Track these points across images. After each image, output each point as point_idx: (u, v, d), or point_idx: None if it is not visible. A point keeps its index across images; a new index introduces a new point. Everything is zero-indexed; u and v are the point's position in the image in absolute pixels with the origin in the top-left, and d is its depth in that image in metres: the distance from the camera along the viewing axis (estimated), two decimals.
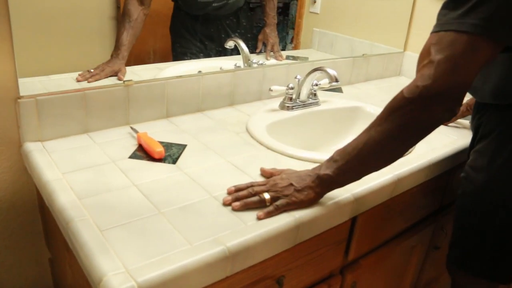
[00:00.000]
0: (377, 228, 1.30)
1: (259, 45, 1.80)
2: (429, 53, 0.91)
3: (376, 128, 0.95)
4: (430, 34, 0.95)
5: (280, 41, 1.87)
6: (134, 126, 1.33)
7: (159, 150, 1.17)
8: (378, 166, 1.01)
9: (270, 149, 1.29)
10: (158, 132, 1.32)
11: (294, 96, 1.59)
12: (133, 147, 1.23)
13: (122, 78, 1.35)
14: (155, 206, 0.97)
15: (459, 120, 1.62)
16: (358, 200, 1.11)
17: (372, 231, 1.28)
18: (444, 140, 1.48)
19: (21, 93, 1.15)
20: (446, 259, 1.35)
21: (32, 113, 1.17)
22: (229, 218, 0.95)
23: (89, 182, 1.04)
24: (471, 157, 1.27)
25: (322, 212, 1.02)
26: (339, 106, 1.69)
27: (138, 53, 1.46)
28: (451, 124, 1.62)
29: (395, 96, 0.95)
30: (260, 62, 1.70)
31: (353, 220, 1.18)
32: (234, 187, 1.04)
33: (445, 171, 1.44)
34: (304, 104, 1.61)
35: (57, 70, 1.29)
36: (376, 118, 0.97)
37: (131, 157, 1.18)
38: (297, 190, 1.00)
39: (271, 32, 1.79)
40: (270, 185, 1.02)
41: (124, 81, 1.31)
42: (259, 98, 1.69)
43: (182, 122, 1.42)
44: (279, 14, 1.84)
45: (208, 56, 1.69)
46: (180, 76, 1.43)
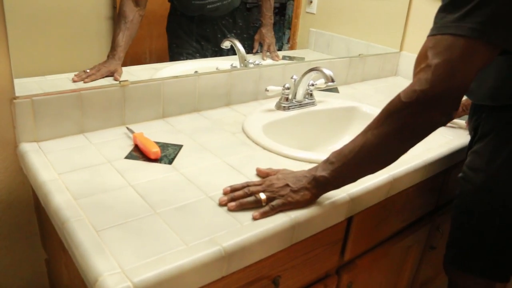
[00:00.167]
0: (373, 228, 1.30)
1: (256, 45, 1.80)
2: (426, 57, 0.91)
3: (373, 131, 0.95)
4: (427, 38, 0.95)
5: (277, 41, 1.87)
6: (130, 127, 1.33)
7: (155, 151, 1.17)
8: (374, 169, 1.02)
9: (266, 149, 1.29)
10: (154, 133, 1.32)
11: (290, 96, 1.59)
12: (129, 148, 1.23)
13: (118, 78, 1.35)
14: (151, 207, 0.97)
15: (455, 120, 1.62)
16: (354, 200, 1.11)
17: (368, 231, 1.28)
18: (440, 140, 1.48)
19: (17, 94, 1.15)
20: (443, 259, 1.35)
21: (28, 114, 1.17)
22: (225, 218, 0.95)
23: (85, 183, 1.04)
24: (469, 158, 1.27)
25: (318, 212, 1.03)
26: (335, 106, 1.69)
27: (134, 54, 1.46)
28: (447, 124, 1.62)
29: (392, 100, 0.94)
30: (257, 62, 1.70)
31: (349, 220, 1.19)
32: (230, 187, 1.04)
33: (441, 171, 1.44)
34: (300, 104, 1.61)
35: (53, 71, 1.28)
36: (373, 121, 0.97)
37: (127, 158, 1.18)
38: (293, 191, 1.00)
39: (268, 32, 1.79)
40: (266, 185, 1.02)
41: (120, 81, 1.31)
42: (256, 98, 1.69)
43: (178, 122, 1.42)
44: (276, 14, 1.84)
45: (205, 56, 1.69)
46: (176, 76, 1.43)
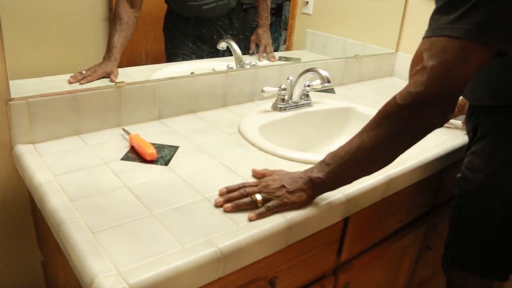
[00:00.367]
0: (370, 229, 1.30)
1: (252, 46, 1.80)
2: (422, 59, 0.91)
3: (369, 133, 0.95)
4: (422, 39, 0.95)
5: (273, 42, 1.87)
6: (126, 128, 1.33)
7: (151, 152, 1.17)
8: (370, 171, 1.02)
9: (263, 150, 1.29)
10: (150, 134, 1.32)
11: (287, 97, 1.59)
12: (125, 149, 1.23)
13: (114, 80, 1.35)
14: (147, 208, 0.97)
15: (451, 121, 1.63)
16: (350, 201, 1.11)
17: (365, 232, 1.29)
18: (436, 140, 1.48)
19: (12, 95, 1.14)
20: (442, 259, 1.35)
21: (24, 115, 1.16)
22: (221, 220, 0.95)
23: (81, 184, 1.04)
24: (468, 158, 1.27)
25: (314, 213, 1.03)
26: (332, 107, 1.70)
27: (130, 55, 1.46)
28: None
29: (388, 102, 0.94)
30: (253, 63, 1.70)
31: (346, 221, 1.19)
32: (226, 189, 1.04)
33: (437, 171, 1.45)
34: (297, 105, 1.61)
35: (49, 72, 1.28)
36: (369, 123, 0.97)
37: (123, 159, 1.18)
38: (289, 192, 1.00)
39: (264, 33, 1.79)
40: (262, 186, 1.02)
41: (116, 83, 1.31)
42: (252, 99, 1.69)
43: (175, 124, 1.42)
44: (272, 15, 1.84)
45: (201, 57, 1.69)
46: (172, 78, 1.43)
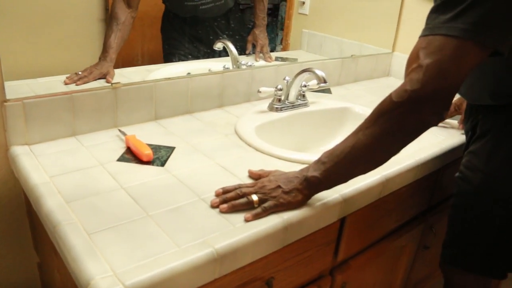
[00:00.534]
0: (366, 229, 1.30)
1: (249, 47, 1.80)
2: (418, 57, 0.91)
3: (364, 131, 0.95)
4: (419, 38, 0.95)
5: (270, 43, 1.87)
6: (122, 129, 1.33)
7: (148, 153, 1.17)
8: (366, 169, 1.02)
9: (259, 151, 1.28)
10: (147, 135, 1.32)
11: (283, 98, 1.59)
12: (121, 150, 1.23)
13: (111, 81, 1.34)
14: (143, 209, 0.97)
15: (447, 120, 1.63)
16: (347, 201, 1.11)
17: (361, 232, 1.29)
18: (432, 140, 1.48)
19: (8, 96, 1.14)
20: (440, 258, 1.35)
21: (19, 116, 1.16)
22: (217, 220, 0.95)
23: (77, 186, 1.04)
24: (466, 158, 1.27)
25: (311, 213, 1.03)
26: (328, 107, 1.70)
27: (127, 55, 1.46)
28: (439, 124, 1.62)
29: (384, 100, 0.95)
30: (249, 64, 1.70)
31: (342, 221, 1.19)
32: (222, 189, 1.04)
33: (434, 171, 1.45)
34: (293, 105, 1.61)
35: (45, 73, 1.28)
36: (364, 121, 0.97)
37: (119, 160, 1.17)
38: (285, 192, 1.00)
39: (261, 34, 1.79)
40: (258, 187, 1.02)
41: (112, 84, 1.31)
42: (248, 100, 1.69)
43: (171, 124, 1.42)
44: (268, 16, 1.84)
45: (198, 58, 1.69)
46: (169, 78, 1.43)
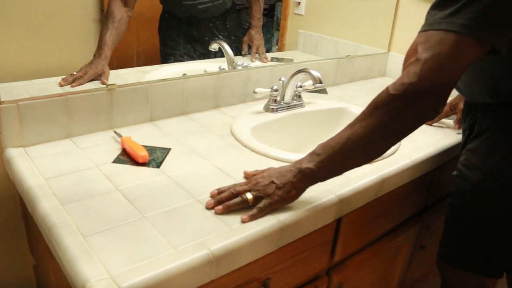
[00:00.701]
0: (363, 229, 1.30)
1: (244, 47, 1.80)
2: (416, 51, 0.92)
3: (361, 123, 0.95)
4: (418, 33, 0.96)
5: (265, 43, 1.87)
6: (118, 130, 1.33)
7: (143, 154, 1.17)
8: (361, 162, 1.01)
9: (255, 152, 1.28)
10: (142, 136, 1.32)
11: (279, 98, 1.59)
12: (117, 152, 1.22)
13: (106, 82, 1.34)
14: (139, 211, 0.96)
15: (443, 120, 1.63)
16: (343, 201, 1.11)
17: (358, 232, 1.29)
18: (428, 140, 1.48)
19: (2, 98, 1.14)
20: (437, 256, 1.36)
21: (14, 118, 1.16)
22: (213, 222, 0.94)
23: (72, 188, 1.03)
24: (464, 156, 1.27)
25: (307, 214, 1.02)
26: (324, 108, 1.69)
27: (122, 56, 1.46)
28: (435, 124, 1.63)
29: (380, 93, 0.95)
30: (245, 64, 1.70)
31: (338, 221, 1.19)
32: (217, 190, 1.04)
33: (430, 171, 1.45)
34: (289, 106, 1.61)
35: (40, 75, 1.27)
36: (361, 114, 0.97)
37: (115, 162, 1.17)
38: (279, 187, 0.99)
39: (256, 34, 1.79)
40: (252, 184, 1.02)
41: (107, 85, 1.31)
42: (244, 101, 1.69)
43: (166, 126, 1.42)
44: (264, 16, 1.84)
45: (196, 58, 1.69)
46: (164, 79, 1.43)
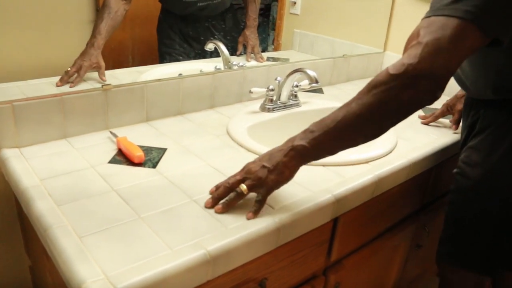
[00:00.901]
0: (359, 229, 1.30)
1: (239, 47, 1.79)
2: (418, 35, 0.92)
3: (357, 102, 0.94)
4: (422, 20, 0.96)
5: (261, 43, 1.86)
6: (114, 131, 1.32)
7: (139, 155, 1.16)
8: (355, 142, 0.99)
9: (251, 151, 1.28)
10: (138, 136, 1.31)
11: (275, 98, 1.59)
12: (113, 152, 1.22)
13: (104, 79, 1.34)
14: (135, 211, 0.96)
15: (440, 120, 1.63)
16: (339, 201, 1.11)
17: (354, 232, 1.29)
18: (425, 139, 1.48)
19: None
20: (436, 254, 1.36)
21: (9, 119, 1.15)
22: (210, 222, 0.94)
23: (68, 188, 1.03)
24: (465, 153, 1.27)
25: (303, 214, 1.02)
26: (320, 107, 1.69)
27: (118, 57, 1.45)
28: (432, 124, 1.63)
29: (379, 73, 0.94)
30: (241, 64, 1.70)
31: (335, 221, 1.18)
32: (215, 187, 1.05)
33: (426, 170, 1.45)
34: (285, 106, 1.61)
35: (35, 75, 1.27)
36: (358, 92, 0.96)
37: (111, 162, 1.17)
38: (270, 171, 0.98)
39: (251, 34, 1.79)
40: (244, 172, 1.01)
41: (103, 85, 1.30)
42: (240, 100, 1.69)
43: (162, 126, 1.41)
44: (260, 16, 1.83)
45: (194, 57, 1.69)
46: (160, 79, 1.43)
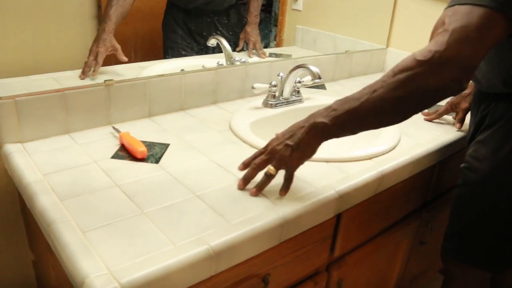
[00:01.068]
0: (363, 225, 1.30)
1: (241, 44, 1.79)
2: (444, 23, 0.93)
3: (382, 84, 0.94)
4: (445, 10, 0.97)
5: (263, 39, 1.86)
6: (116, 126, 1.32)
7: (142, 150, 1.16)
8: (377, 124, 1.00)
9: (254, 147, 1.28)
10: (141, 132, 1.31)
11: (277, 94, 1.58)
12: (115, 147, 1.22)
13: (124, 58, 1.38)
14: (138, 206, 0.96)
15: (444, 116, 1.63)
16: (343, 197, 1.11)
17: (358, 228, 1.28)
18: (428, 136, 1.48)
19: (0, 94, 1.13)
20: (441, 249, 1.35)
21: (12, 114, 1.15)
22: (213, 217, 0.94)
23: (71, 183, 1.03)
24: (473, 148, 1.27)
25: (307, 210, 1.02)
26: (323, 103, 1.67)
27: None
28: (435, 120, 1.63)
29: (405, 59, 0.94)
30: (243, 60, 1.70)
31: (338, 217, 1.18)
32: (242, 164, 1.08)
33: (429, 167, 1.45)
34: (288, 102, 1.60)
35: (38, 71, 1.27)
36: (383, 76, 0.96)
37: (114, 157, 1.17)
38: (294, 149, 1.00)
39: (252, 31, 1.79)
40: (269, 153, 1.04)
41: (105, 81, 1.30)
42: (242, 96, 1.69)
43: (165, 121, 1.41)
44: (262, 12, 1.83)
45: (198, 52, 1.69)
46: (162, 75, 1.42)
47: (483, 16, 0.90)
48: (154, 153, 1.20)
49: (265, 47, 1.88)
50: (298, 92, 1.65)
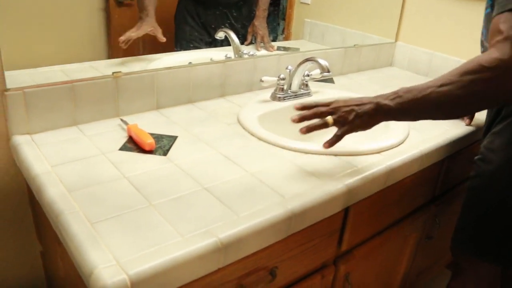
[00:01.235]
0: (370, 219, 1.29)
1: (248, 38, 1.79)
2: (500, 31, 0.97)
3: (446, 81, 1.00)
4: (493, 17, 1.01)
5: (271, 32, 1.85)
6: (124, 118, 1.32)
7: (150, 142, 1.16)
8: (436, 117, 1.10)
9: (262, 140, 1.28)
10: (149, 124, 1.31)
11: (286, 87, 1.58)
12: (123, 139, 1.22)
13: (164, 38, 1.48)
14: (146, 198, 0.96)
15: None
16: (351, 191, 1.10)
17: (365, 222, 1.28)
18: (436, 131, 1.47)
19: (8, 86, 1.13)
20: (452, 242, 1.35)
21: (20, 106, 1.15)
22: (221, 210, 0.94)
23: (79, 175, 1.03)
24: (488, 139, 1.26)
25: (315, 203, 1.02)
26: (331, 97, 1.68)
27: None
28: None
29: (469, 62, 0.99)
30: (251, 53, 1.69)
31: (346, 211, 1.18)
32: (301, 105, 1.13)
33: (438, 161, 1.44)
34: (296, 95, 1.60)
35: (46, 62, 1.27)
36: (448, 74, 1.01)
37: (121, 149, 1.17)
38: (358, 116, 1.08)
39: (260, 24, 1.78)
40: (334, 108, 1.10)
41: (113, 73, 1.30)
42: (250, 89, 1.68)
43: (173, 114, 1.41)
44: (270, 5, 1.82)
45: (209, 44, 1.69)
46: (170, 68, 1.42)
47: None
48: (162, 145, 1.20)
49: (273, 41, 1.87)
50: (307, 86, 1.64)
